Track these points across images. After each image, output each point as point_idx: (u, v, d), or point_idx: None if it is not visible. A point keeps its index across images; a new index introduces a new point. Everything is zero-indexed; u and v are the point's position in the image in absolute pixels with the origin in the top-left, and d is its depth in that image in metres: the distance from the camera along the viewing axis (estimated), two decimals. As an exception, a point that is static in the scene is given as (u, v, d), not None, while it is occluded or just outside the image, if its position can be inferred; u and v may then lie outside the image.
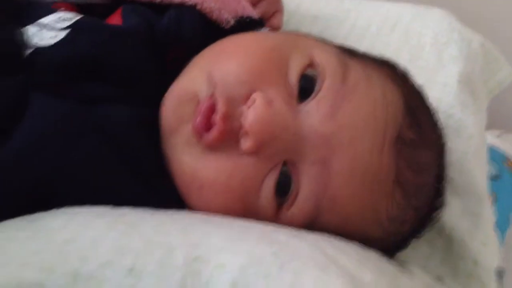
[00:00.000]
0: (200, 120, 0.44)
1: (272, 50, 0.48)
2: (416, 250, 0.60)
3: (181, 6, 0.54)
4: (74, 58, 0.46)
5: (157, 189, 0.46)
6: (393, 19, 0.76)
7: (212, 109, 0.45)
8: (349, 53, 0.52)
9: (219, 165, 0.44)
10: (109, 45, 0.48)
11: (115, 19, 0.54)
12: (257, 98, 0.44)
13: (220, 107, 0.44)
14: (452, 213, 0.60)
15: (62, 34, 0.47)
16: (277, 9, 0.68)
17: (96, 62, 0.47)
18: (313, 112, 0.45)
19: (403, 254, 0.58)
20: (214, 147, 0.44)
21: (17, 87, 0.44)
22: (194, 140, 0.45)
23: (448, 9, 0.79)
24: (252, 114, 0.43)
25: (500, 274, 0.66)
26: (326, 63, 0.48)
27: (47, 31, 0.47)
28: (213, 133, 0.44)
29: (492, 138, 1.13)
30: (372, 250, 0.47)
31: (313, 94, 0.46)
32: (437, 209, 0.55)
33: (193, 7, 0.55)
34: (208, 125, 0.44)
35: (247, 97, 0.45)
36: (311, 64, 0.48)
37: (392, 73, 0.53)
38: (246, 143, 0.43)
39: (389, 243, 0.51)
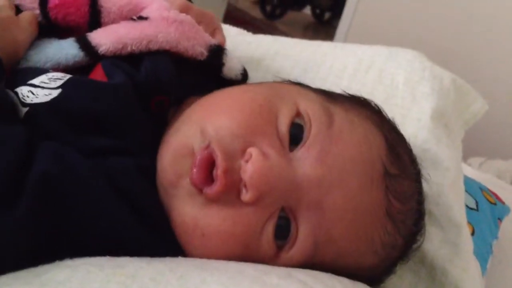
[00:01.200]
0: (196, 173, 0.47)
1: (261, 105, 0.51)
2: (403, 279, 0.63)
3: (155, 54, 0.58)
4: (72, 113, 0.48)
5: (163, 235, 0.49)
6: (368, 61, 0.79)
7: (208, 160, 0.47)
8: (331, 98, 0.56)
9: (222, 214, 0.47)
10: (104, 100, 0.50)
11: (98, 75, 0.56)
12: (253, 152, 0.46)
13: (221, 162, 0.46)
14: (433, 242, 0.63)
15: (56, 92, 0.49)
16: (215, 27, 0.71)
17: (93, 116, 0.49)
18: (304, 158, 0.48)
19: (391, 284, 0.61)
20: (216, 200, 0.47)
21: (25, 136, 0.44)
22: (195, 192, 0.48)
23: (419, 49, 0.83)
24: (250, 169, 0.46)
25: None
26: (311, 111, 0.51)
27: (41, 89, 0.49)
28: (217, 188, 0.46)
29: (471, 170, 1.17)
30: (361, 284, 0.50)
31: (302, 142, 0.49)
32: (421, 230, 0.59)
33: (166, 53, 0.58)
34: (207, 179, 0.47)
35: (243, 151, 0.47)
36: (298, 114, 0.51)
37: (370, 113, 0.57)
38: (246, 195, 0.46)
39: (383, 268, 0.55)
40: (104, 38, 0.57)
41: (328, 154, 0.49)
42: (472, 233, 0.76)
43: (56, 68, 0.56)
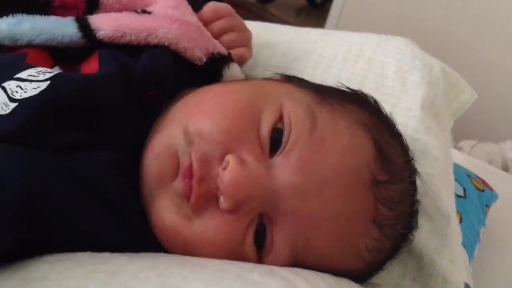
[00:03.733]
0: (182, 184, 0.47)
1: (244, 108, 0.50)
2: (390, 271, 0.63)
3: (155, 47, 0.57)
4: (58, 107, 0.47)
5: (142, 232, 0.48)
6: (357, 49, 0.79)
7: (191, 170, 0.47)
8: (320, 97, 0.54)
9: (202, 223, 0.47)
10: (89, 93, 0.49)
11: (92, 64, 0.55)
12: (230, 160, 0.46)
13: (195, 171, 0.46)
14: (421, 233, 0.63)
15: (45, 84, 0.48)
16: (245, 44, 0.70)
17: (78, 110, 0.48)
18: (283, 165, 0.47)
19: (377, 276, 0.61)
20: (197, 210, 0.47)
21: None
22: (180, 202, 0.47)
23: (412, 30, 0.82)
24: (227, 177, 0.45)
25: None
26: (294, 115, 0.50)
27: (29, 83, 0.48)
28: (191, 198, 0.46)
29: (460, 155, 1.18)
30: (344, 280, 0.49)
31: (281, 148, 0.48)
32: (412, 230, 0.58)
33: (166, 47, 0.57)
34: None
35: (221, 157, 0.47)
36: (281, 118, 0.50)
37: (361, 114, 0.54)
38: (223, 204, 0.45)
39: (370, 270, 0.54)
40: (104, 23, 0.56)
41: (307, 162, 0.47)
42: (460, 221, 0.76)
43: (49, 44, 0.55)
